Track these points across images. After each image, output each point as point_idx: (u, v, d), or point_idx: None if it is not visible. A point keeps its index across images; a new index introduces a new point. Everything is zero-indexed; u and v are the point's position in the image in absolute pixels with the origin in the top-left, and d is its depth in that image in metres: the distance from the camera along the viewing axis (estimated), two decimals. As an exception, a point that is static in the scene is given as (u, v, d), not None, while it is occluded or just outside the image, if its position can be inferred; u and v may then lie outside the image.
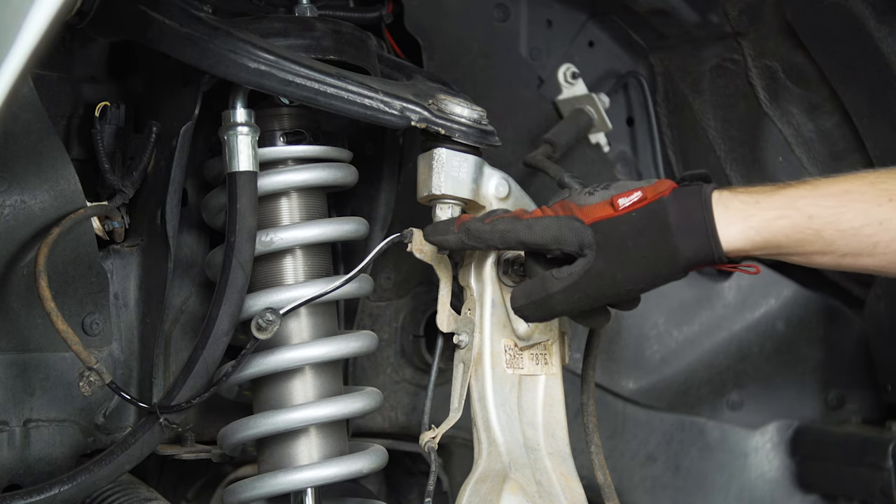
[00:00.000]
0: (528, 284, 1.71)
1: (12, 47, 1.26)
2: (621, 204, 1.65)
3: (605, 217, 1.65)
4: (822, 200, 1.62)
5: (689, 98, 2.29)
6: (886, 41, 2.01)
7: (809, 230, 1.61)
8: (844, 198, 1.61)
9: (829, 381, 2.44)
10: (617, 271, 1.64)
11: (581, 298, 1.67)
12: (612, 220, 1.65)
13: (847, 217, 1.61)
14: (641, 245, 1.63)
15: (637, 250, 1.63)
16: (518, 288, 1.73)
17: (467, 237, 1.71)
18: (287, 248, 1.83)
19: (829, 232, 1.61)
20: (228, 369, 1.77)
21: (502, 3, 2.24)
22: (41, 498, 1.68)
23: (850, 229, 1.61)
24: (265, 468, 1.85)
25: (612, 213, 1.65)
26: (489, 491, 1.73)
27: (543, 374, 1.84)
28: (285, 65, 1.71)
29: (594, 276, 1.65)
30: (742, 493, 2.43)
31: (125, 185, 1.83)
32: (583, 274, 1.65)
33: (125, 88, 1.93)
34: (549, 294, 1.68)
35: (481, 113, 1.81)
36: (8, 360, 1.76)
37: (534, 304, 1.70)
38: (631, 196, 1.65)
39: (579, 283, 1.65)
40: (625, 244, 1.63)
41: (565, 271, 1.66)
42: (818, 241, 1.62)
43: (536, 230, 1.67)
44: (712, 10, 2.15)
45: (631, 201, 1.65)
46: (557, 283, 1.67)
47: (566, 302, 1.68)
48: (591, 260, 1.64)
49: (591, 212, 1.66)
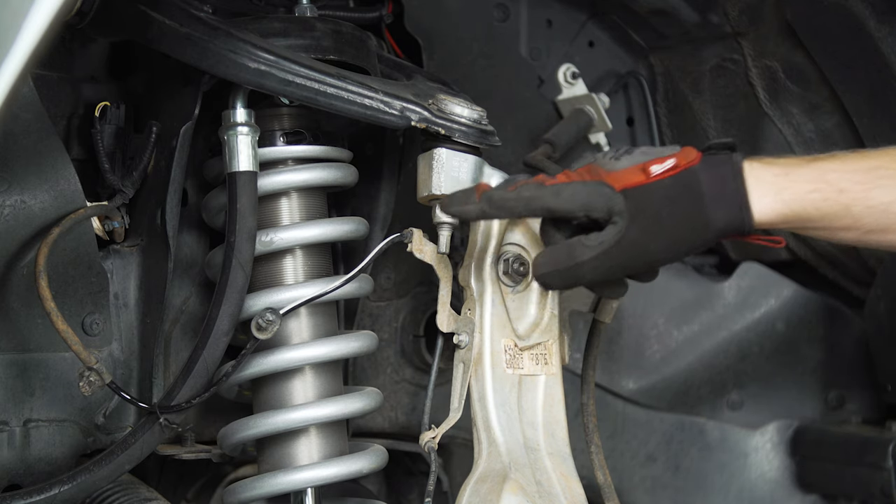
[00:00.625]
0: (553, 251, 1.66)
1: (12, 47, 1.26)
2: (654, 171, 1.61)
3: (638, 184, 1.61)
4: (853, 175, 1.60)
5: (689, 98, 2.29)
6: (886, 41, 2.01)
7: (839, 204, 1.60)
8: (874, 174, 1.60)
9: (829, 381, 2.44)
10: (650, 240, 1.61)
11: (611, 268, 1.63)
12: (645, 188, 1.60)
13: (877, 193, 1.59)
14: (675, 214, 1.60)
15: (671, 219, 1.60)
16: (542, 254, 1.68)
17: (489, 206, 1.65)
18: (287, 248, 1.83)
19: (858, 207, 1.60)
20: (228, 369, 1.77)
21: (502, 3, 2.25)
22: (41, 498, 1.68)
23: (881, 205, 1.59)
24: (265, 468, 1.85)
25: (644, 179, 1.61)
26: (489, 491, 1.73)
27: (543, 374, 1.83)
28: (285, 65, 1.71)
29: (626, 245, 1.60)
30: (742, 493, 2.43)
31: (125, 185, 1.83)
32: (614, 243, 1.60)
33: (125, 88, 1.93)
34: (577, 262, 1.63)
35: (481, 113, 1.81)
36: (8, 360, 1.77)
37: (560, 271, 1.65)
38: (665, 163, 1.61)
39: (610, 251, 1.61)
40: (659, 213, 1.59)
41: (595, 239, 1.61)
42: (847, 216, 1.60)
43: (564, 196, 1.62)
44: (712, 10, 2.15)
45: (664, 168, 1.61)
46: (587, 252, 1.62)
47: (595, 271, 1.63)
48: (623, 228, 1.60)
49: (622, 177, 1.62)
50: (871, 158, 1.62)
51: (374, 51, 1.91)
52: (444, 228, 1.77)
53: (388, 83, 1.82)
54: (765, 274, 2.40)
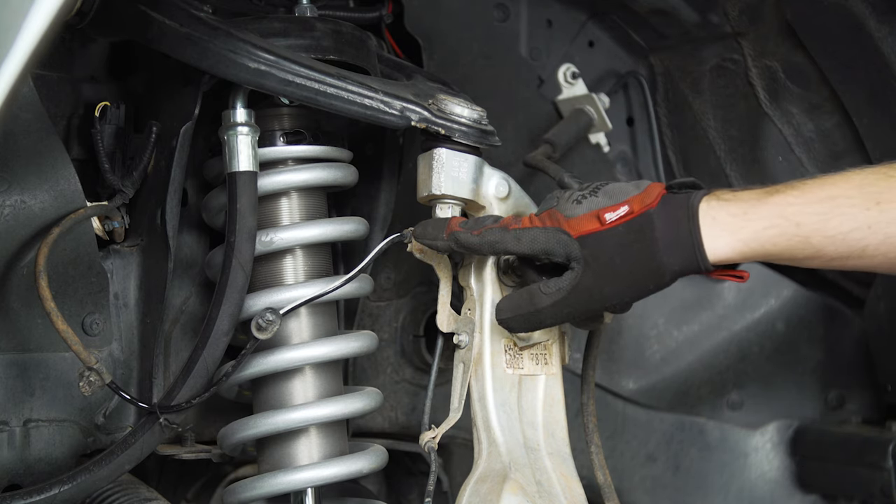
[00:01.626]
0: (514, 297, 1.72)
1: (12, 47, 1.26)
2: (608, 218, 1.65)
3: (592, 231, 1.65)
4: (810, 207, 1.61)
5: (689, 98, 2.29)
6: (886, 41, 2.00)
7: (797, 237, 1.62)
8: (831, 203, 1.61)
9: (829, 381, 2.44)
10: (604, 286, 1.65)
11: (569, 312, 1.69)
12: (598, 235, 1.65)
13: (834, 223, 1.61)
14: (628, 260, 1.64)
15: (624, 265, 1.64)
16: (505, 300, 1.74)
17: (456, 245, 1.72)
18: (287, 248, 1.83)
19: (817, 238, 1.61)
20: (228, 369, 1.77)
21: (502, 3, 2.24)
22: (41, 498, 1.68)
23: (839, 234, 1.61)
24: (265, 468, 1.85)
25: (599, 227, 1.65)
26: (489, 491, 1.73)
27: (543, 374, 1.83)
28: (285, 65, 1.71)
29: (582, 291, 1.66)
30: (742, 493, 2.43)
31: (125, 185, 1.83)
32: (570, 289, 1.66)
33: (125, 88, 1.93)
34: (537, 309, 1.69)
35: (481, 113, 1.81)
36: (8, 360, 1.76)
37: (521, 317, 1.71)
38: (618, 210, 1.65)
39: (567, 298, 1.67)
40: (612, 259, 1.64)
41: (553, 286, 1.67)
42: (807, 247, 1.62)
43: (524, 242, 1.68)
44: (712, 10, 2.15)
45: (618, 215, 1.65)
46: (546, 299, 1.68)
47: (554, 316, 1.69)
48: (579, 274, 1.65)
49: (578, 224, 1.66)
50: (829, 188, 1.63)
51: (374, 51, 1.91)
52: (444, 228, 1.77)
53: (388, 83, 1.82)
54: (765, 274, 2.40)
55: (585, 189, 1.70)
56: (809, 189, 1.63)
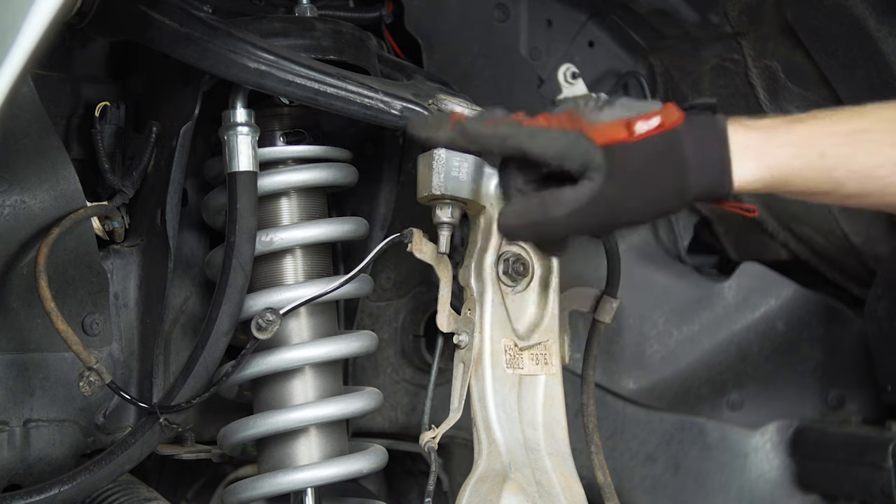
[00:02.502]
0: (525, 203, 1.59)
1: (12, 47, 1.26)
2: (638, 129, 1.53)
3: (621, 140, 1.53)
4: (836, 139, 1.55)
5: (689, 98, 2.29)
6: (886, 41, 2.00)
7: (821, 169, 1.55)
8: (858, 137, 1.55)
9: (829, 381, 2.44)
10: (628, 200, 1.54)
11: (584, 226, 1.56)
12: (628, 146, 1.53)
13: (861, 157, 1.55)
14: (657, 177, 1.53)
15: (651, 180, 1.53)
16: (511, 206, 1.61)
17: (462, 137, 1.59)
18: (287, 248, 1.83)
19: (840, 171, 1.55)
20: (228, 369, 1.77)
21: (502, 3, 2.24)
22: (41, 498, 1.68)
23: (864, 169, 1.55)
24: (265, 468, 1.85)
25: (627, 136, 1.53)
26: (489, 491, 1.73)
27: (543, 374, 1.83)
28: (285, 65, 1.71)
29: (602, 204, 1.53)
30: (742, 493, 2.43)
31: (125, 185, 1.83)
32: (589, 200, 1.53)
33: (125, 88, 1.93)
34: (549, 218, 1.55)
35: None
36: (8, 360, 1.77)
37: (529, 225, 1.58)
38: (650, 121, 1.54)
39: (586, 209, 1.53)
40: (640, 173, 1.53)
41: (570, 195, 1.53)
42: (828, 180, 1.56)
43: (541, 141, 1.54)
44: (712, 10, 2.15)
45: (649, 127, 1.54)
46: (562, 208, 1.54)
47: (567, 227, 1.56)
48: (600, 185, 1.52)
49: (605, 131, 1.54)
50: (855, 120, 1.57)
51: (374, 51, 1.91)
52: (444, 228, 1.77)
53: (388, 83, 1.82)
54: (765, 274, 2.40)
55: (600, 99, 1.60)
56: (835, 121, 1.57)
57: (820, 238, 2.38)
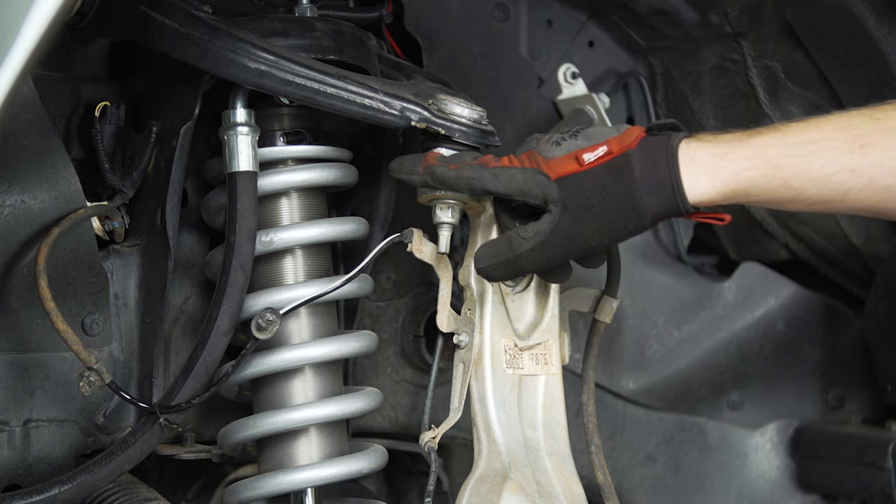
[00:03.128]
0: (493, 244, 1.70)
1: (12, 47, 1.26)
2: (586, 159, 1.63)
3: (571, 172, 1.63)
4: (791, 149, 1.60)
5: (689, 98, 2.29)
6: (886, 41, 2.00)
7: (778, 179, 1.60)
8: (814, 146, 1.59)
9: (829, 381, 2.44)
10: (583, 228, 1.63)
11: (549, 257, 1.66)
12: (577, 176, 1.63)
13: (817, 166, 1.59)
14: (607, 201, 1.62)
15: (603, 207, 1.62)
16: (483, 248, 1.72)
17: (431, 179, 1.71)
18: (287, 248, 1.83)
19: (798, 181, 1.59)
20: (228, 369, 1.77)
21: (502, 3, 2.24)
22: (41, 498, 1.68)
23: (821, 177, 1.59)
24: (265, 468, 1.85)
25: (577, 168, 1.63)
26: (489, 491, 1.73)
27: (543, 374, 1.83)
28: (285, 65, 1.71)
29: (560, 234, 1.64)
30: (742, 493, 2.43)
31: (125, 185, 1.83)
32: (549, 232, 1.64)
33: (125, 88, 1.93)
34: (516, 254, 1.67)
35: (481, 113, 1.81)
36: (8, 360, 1.77)
37: (500, 264, 1.69)
38: (596, 151, 1.63)
39: (547, 241, 1.65)
40: (590, 201, 1.62)
41: (532, 230, 1.66)
42: (787, 189, 1.60)
43: (502, 180, 1.66)
44: (712, 10, 2.15)
45: (596, 156, 1.63)
46: (525, 243, 1.66)
47: (534, 261, 1.67)
48: (558, 217, 1.63)
49: (557, 166, 1.64)
50: (812, 130, 1.61)
51: (374, 51, 1.91)
52: (444, 228, 1.77)
53: (388, 83, 1.82)
54: (765, 274, 2.40)
55: (566, 132, 1.68)
56: (792, 131, 1.62)
57: (820, 238, 2.38)
